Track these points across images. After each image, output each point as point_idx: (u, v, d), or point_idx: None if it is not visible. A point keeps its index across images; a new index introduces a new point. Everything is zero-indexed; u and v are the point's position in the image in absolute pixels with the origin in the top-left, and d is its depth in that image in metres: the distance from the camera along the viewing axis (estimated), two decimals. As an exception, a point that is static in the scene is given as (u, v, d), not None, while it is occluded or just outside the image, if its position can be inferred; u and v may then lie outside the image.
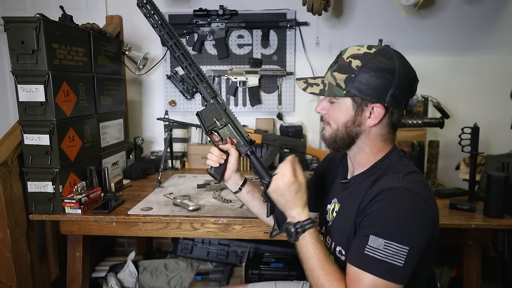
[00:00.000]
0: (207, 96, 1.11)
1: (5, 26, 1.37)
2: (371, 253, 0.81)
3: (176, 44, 1.09)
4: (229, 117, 1.12)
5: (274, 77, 2.35)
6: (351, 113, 0.92)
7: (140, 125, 2.53)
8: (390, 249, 0.79)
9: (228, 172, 1.14)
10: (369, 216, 0.85)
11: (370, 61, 0.88)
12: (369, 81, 0.88)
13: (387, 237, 0.80)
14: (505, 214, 1.44)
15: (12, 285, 1.50)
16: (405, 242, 0.79)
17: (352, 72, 0.89)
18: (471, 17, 2.24)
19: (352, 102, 0.91)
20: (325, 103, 0.97)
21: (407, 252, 0.79)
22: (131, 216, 1.45)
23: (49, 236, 1.72)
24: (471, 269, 1.52)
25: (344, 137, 0.94)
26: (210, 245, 2.22)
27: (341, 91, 0.91)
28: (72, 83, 1.56)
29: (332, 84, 0.93)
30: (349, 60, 0.90)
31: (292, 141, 2.22)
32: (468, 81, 2.31)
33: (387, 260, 0.79)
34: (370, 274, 0.80)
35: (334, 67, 0.95)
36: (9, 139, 1.52)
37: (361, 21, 2.30)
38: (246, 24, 2.30)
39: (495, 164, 1.93)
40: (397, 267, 0.79)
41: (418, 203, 0.83)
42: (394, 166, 0.91)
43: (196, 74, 1.10)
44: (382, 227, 0.82)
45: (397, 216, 0.82)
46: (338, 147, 0.97)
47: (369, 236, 0.82)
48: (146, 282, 2.08)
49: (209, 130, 1.13)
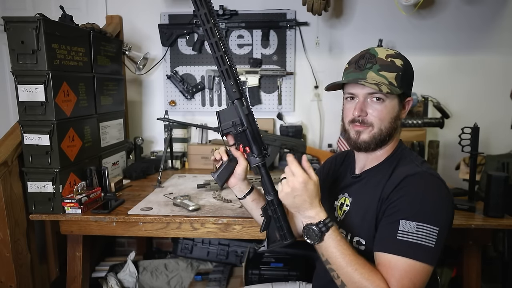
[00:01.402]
0: (232, 96, 1.02)
1: (5, 26, 1.37)
2: (405, 237, 0.82)
3: (212, 29, 0.97)
4: (249, 123, 1.04)
5: (274, 77, 2.35)
6: (397, 109, 0.97)
7: (140, 125, 2.53)
8: (423, 231, 0.81)
9: (233, 179, 1.09)
10: (396, 202, 0.86)
11: (405, 60, 0.97)
12: (409, 77, 0.97)
13: (418, 219, 0.82)
14: (505, 214, 1.44)
15: (12, 285, 1.50)
16: (435, 223, 0.82)
17: (399, 70, 0.94)
18: (471, 17, 2.24)
19: (398, 98, 0.96)
20: (363, 103, 0.95)
21: (437, 232, 0.82)
22: (131, 216, 1.45)
23: (49, 236, 1.72)
24: (471, 269, 1.52)
25: (390, 133, 0.96)
26: (210, 245, 2.22)
27: (396, 89, 0.93)
28: (72, 83, 1.56)
29: (385, 82, 0.93)
30: (390, 59, 0.95)
31: (292, 141, 2.23)
32: (468, 81, 2.30)
33: (421, 242, 0.81)
34: (406, 258, 0.80)
35: (375, 67, 0.94)
36: (9, 139, 1.52)
37: (361, 21, 2.30)
38: (246, 24, 2.30)
39: (495, 164, 1.93)
40: (430, 248, 0.81)
41: (442, 187, 0.88)
42: (406, 157, 0.97)
43: (226, 69, 1.00)
44: (412, 210, 0.83)
45: (425, 198, 0.85)
46: (374, 147, 0.97)
47: (399, 221, 0.83)
48: (146, 282, 2.08)
49: (223, 133, 1.06)
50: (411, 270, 0.80)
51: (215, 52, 0.99)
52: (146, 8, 2.37)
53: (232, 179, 1.09)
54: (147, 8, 2.37)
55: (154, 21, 2.35)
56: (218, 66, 1.00)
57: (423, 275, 0.81)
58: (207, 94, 2.41)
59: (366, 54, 0.96)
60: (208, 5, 0.97)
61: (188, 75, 2.41)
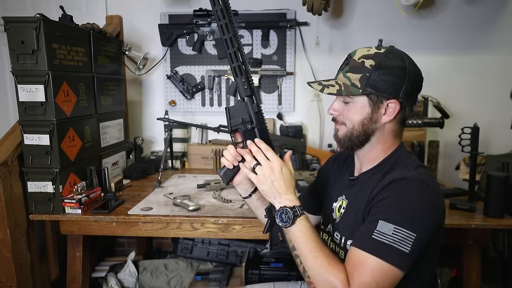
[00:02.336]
0: (242, 93, 1.02)
1: (5, 26, 1.37)
2: (379, 238, 0.81)
3: (227, 25, 0.98)
4: (259, 121, 1.03)
5: (274, 77, 2.35)
6: (367, 111, 0.94)
7: (140, 125, 2.53)
8: (399, 235, 0.80)
9: (239, 177, 1.08)
10: (379, 203, 0.86)
11: (383, 60, 0.91)
12: (383, 79, 0.91)
13: (396, 222, 0.81)
14: (505, 214, 1.44)
15: (12, 285, 1.50)
16: (413, 229, 0.80)
17: (367, 71, 0.91)
18: (471, 17, 2.24)
19: (368, 100, 0.93)
20: (337, 104, 0.98)
21: (414, 239, 0.80)
22: (131, 216, 1.45)
23: (49, 236, 1.72)
24: (471, 269, 1.52)
25: (360, 135, 0.95)
26: (210, 245, 2.22)
27: (357, 90, 0.92)
28: (72, 83, 1.56)
29: (347, 84, 0.94)
30: (361, 60, 0.93)
31: (292, 141, 2.23)
32: (468, 81, 2.30)
33: (395, 245, 0.79)
34: (376, 257, 0.80)
35: (345, 68, 0.96)
36: (9, 139, 1.52)
37: (361, 21, 2.30)
38: (246, 24, 2.30)
39: (495, 164, 1.93)
40: (403, 253, 0.79)
41: (428, 193, 0.85)
42: (403, 161, 0.94)
43: (239, 65, 1.00)
44: (393, 212, 0.83)
45: (408, 203, 0.83)
46: (352, 145, 0.98)
47: (378, 221, 0.83)
48: (146, 282, 2.08)
49: (232, 130, 1.05)
50: (378, 270, 0.79)
51: (229, 48, 0.98)
52: (146, 8, 2.37)
53: (237, 177, 1.08)
54: (147, 8, 2.37)
55: (154, 21, 2.35)
56: (231, 62, 1.00)
57: (389, 278, 0.79)
58: (207, 94, 2.41)
59: (348, 55, 0.98)
60: (224, 2, 0.98)
61: (188, 75, 2.41)
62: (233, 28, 0.99)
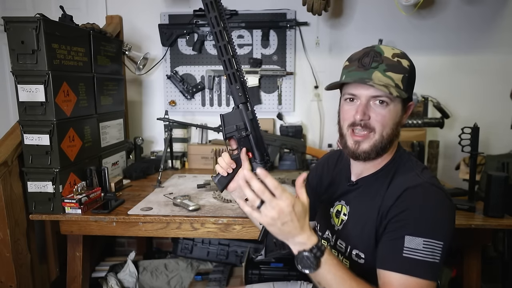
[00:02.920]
0: (237, 100, 1.01)
1: (5, 26, 1.37)
2: (411, 255, 0.78)
3: (221, 32, 0.96)
4: (253, 128, 1.02)
5: (274, 77, 2.35)
6: (400, 114, 0.91)
7: (140, 125, 2.53)
8: (429, 247, 0.78)
9: (233, 184, 1.05)
10: (399, 216, 0.82)
11: (410, 61, 0.90)
12: (413, 80, 0.91)
13: (424, 235, 0.78)
14: (505, 214, 1.44)
15: (12, 285, 1.50)
16: (440, 238, 0.79)
17: (406, 72, 0.88)
18: (471, 17, 2.24)
19: (401, 102, 0.90)
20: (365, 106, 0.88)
21: (442, 247, 0.79)
22: (131, 216, 1.45)
23: (49, 236, 1.72)
24: (471, 269, 1.52)
25: (389, 141, 0.90)
26: (210, 245, 2.22)
27: (403, 93, 0.87)
28: (72, 83, 1.56)
29: (391, 84, 0.86)
30: (397, 59, 0.88)
31: (292, 141, 2.23)
32: (468, 81, 2.30)
33: (428, 259, 0.78)
34: (414, 277, 0.77)
35: (382, 66, 0.87)
36: (9, 139, 1.52)
37: (361, 21, 2.30)
38: (246, 24, 2.30)
39: (495, 164, 1.93)
40: (435, 264, 0.78)
41: (444, 198, 0.84)
42: (406, 163, 0.92)
43: (233, 72, 0.98)
44: (417, 225, 0.80)
45: (430, 212, 0.81)
46: (377, 155, 0.91)
47: (404, 237, 0.79)
48: (146, 282, 2.08)
49: (226, 137, 1.04)
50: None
51: (223, 55, 0.97)
52: (146, 8, 2.37)
53: (231, 184, 1.05)
54: (147, 8, 2.37)
55: (154, 21, 2.35)
56: (225, 69, 0.98)
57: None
58: (207, 94, 2.41)
59: (371, 51, 0.88)
60: (219, 8, 0.96)
61: (188, 75, 2.41)
62: (228, 34, 0.98)
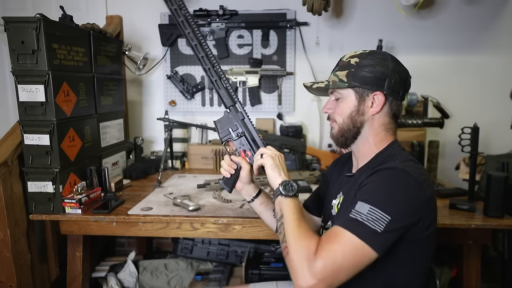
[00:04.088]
0: (225, 104, 1.12)
1: (5, 26, 1.37)
2: (354, 215, 0.84)
3: (199, 45, 1.08)
4: (246, 128, 1.11)
5: (274, 77, 2.35)
6: (354, 104, 1.01)
7: (140, 125, 2.53)
8: (373, 215, 0.83)
9: (239, 184, 1.16)
10: (362, 188, 0.91)
11: (366, 57, 1.00)
12: (367, 73, 0.98)
13: (373, 203, 0.84)
14: (505, 214, 1.44)
15: (12, 285, 1.50)
16: (388, 212, 0.83)
17: (352, 68, 1.00)
18: (471, 17, 2.24)
19: (354, 93, 1.00)
20: (330, 102, 1.07)
21: (388, 221, 0.82)
22: (131, 216, 1.45)
23: (49, 236, 1.72)
24: (471, 269, 1.52)
25: (350, 128, 1.02)
26: (210, 245, 2.22)
27: (344, 84, 1.00)
28: (72, 83, 1.56)
29: (335, 80, 1.02)
30: (348, 59, 1.02)
31: (292, 141, 2.23)
32: (468, 81, 2.31)
33: (368, 223, 0.82)
34: (349, 232, 0.82)
35: (335, 69, 1.05)
36: (9, 139, 1.52)
37: (361, 21, 2.30)
38: (246, 24, 2.30)
39: (495, 164, 1.93)
40: (375, 231, 0.81)
41: (409, 181, 0.87)
42: (393, 155, 0.97)
43: (215, 80, 1.10)
44: (371, 195, 0.87)
45: (386, 187, 0.87)
46: (345, 140, 1.04)
47: (357, 202, 0.86)
48: (146, 282, 2.08)
49: (223, 141, 1.14)
50: (348, 243, 0.81)
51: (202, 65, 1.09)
52: (146, 8, 2.37)
53: (238, 183, 1.15)
54: (147, 8, 2.37)
55: (154, 21, 2.36)
56: (209, 77, 1.10)
57: (357, 253, 0.81)
58: (207, 94, 2.41)
59: (339, 60, 1.06)
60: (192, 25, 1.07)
61: (188, 75, 2.41)
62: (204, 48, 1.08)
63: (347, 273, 0.80)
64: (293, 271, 0.82)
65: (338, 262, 0.79)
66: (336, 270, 0.79)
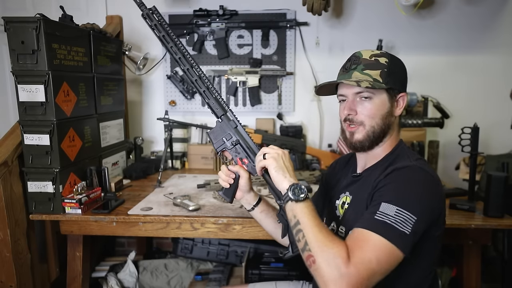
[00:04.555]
0: (216, 114, 1.11)
1: (5, 26, 1.37)
2: (381, 218, 0.82)
3: (183, 57, 1.08)
4: (240, 136, 1.09)
5: (274, 77, 2.35)
6: (388, 105, 0.99)
7: (140, 125, 2.53)
8: (401, 216, 0.82)
9: (239, 192, 1.14)
10: (382, 188, 0.89)
11: (391, 57, 0.99)
12: (398, 73, 0.99)
13: (399, 204, 0.83)
14: (505, 214, 1.44)
15: (12, 285, 1.50)
16: (414, 212, 0.82)
17: (385, 67, 0.97)
18: (471, 17, 2.24)
19: (387, 94, 0.98)
20: (353, 104, 0.99)
21: (414, 221, 0.82)
22: (131, 216, 1.45)
23: (49, 236, 1.72)
24: (471, 269, 1.52)
25: (382, 129, 0.98)
26: (210, 245, 2.22)
27: (382, 84, 0.96)
28: (72, 83, 1.56)
29: (369, 80, 0.96)
30: (374, 58, 0.98)
31: (292, 141, 2.23)
32: (468, 81, 2.30)
33: (396, 225, 0.81)
34: (378, 235, 0.80)
35: (360, 67, 0.98)
36: (9, 139, 1.52)
37: (361, 21, 2.30)
38: (246, 24, 2.30)
39: (495, 164, 1.93)
40: (404, 233, 0.80)
41: (429, 178, 0.89)
42: (404, 154, 0.98)
43: (204, 91, 1.10)
44: (395, 195, 0.85)
45: (409, 186, 0.87)
46: (371, 144, 1.00)
47: (381, 203, 0.84)
48: (146, 282, 2.08)
49: (218, 151, 1.12)
50: (380, 247, 0.79)
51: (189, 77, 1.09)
52: (146, 8, 2.37)
53: (238, 192, 1.13)
54: (147, 8, 2.37)
55: (154, 21, 2.35)
56: (198, 88, 1.10)
57: (390, 257, 0.79)
58: (207, 94, 2.41)
59: (352, 57, 1.01)
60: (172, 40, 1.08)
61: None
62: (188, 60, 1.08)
63: (380, 277, 0.79)
64: (324, 281, 0.77)
65: (372, 268, 0.77)
66: (370, 275, 0.77)
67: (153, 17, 1.07)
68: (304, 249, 0.83)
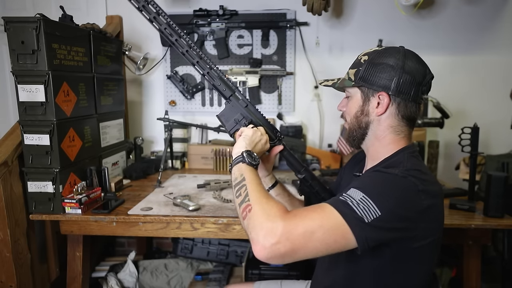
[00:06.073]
0: (224, 95, 1.07)
1: (5, 26, 1.37)
2: (345, 199, 0.79)
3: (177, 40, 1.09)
4: (252, 114, 1.05)
5: (274, 77, 2.35)
6: (359, 103, 0.98)
7: (140, 125, 2.53)
8: (365, 204, 0.77)
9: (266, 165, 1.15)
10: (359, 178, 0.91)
11: (376, 55, 0.95)
12: (374, 72, 0.94)
13: (367, 194, 0.79)
14: (505, 214, 1.44)
15: (12, 285, 1.50)
16: (381, 207, 0.77)
17: (360, 66, 0.96)
18: (471, 17, 2.24)
19: (360, 93, 0.97)
20: (343, 100, 1.05)
21: (377, 216, 0.76)
22: (131, 216, 1.45)
23: (49, 236, 1.72)
24: (471, 269, 1.52)
25: (355, 128, 0.99)
26: (210, 245, 2.22)
27: (350, 82, 0.98)
28: (72, 83, 1.56)
29: (344, 78, 1.00)
30: (360, 57, 0.99)
31: (292, 141, 2.23)
32: (468, 81, 2.30)
33: (357, 209, 0.77)
34: (334, 209, 0.77)
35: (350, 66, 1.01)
36: (9, 139, 1.52)
37: (361, 21, 2.30)
38: (246, 24, 2.30)
39: (495, 164, 1.93)
40: (362, 220, 0.76)
41: (406, 188, 0.82)
42: (400, 162, 0.90)
43: (207, 72, 1.07)
44: (367, 186, 0.82)
45: (382, 185, 0.82)
46: (354, 140, 1.01)
47: (350, 188, 0.82)
48: (146, 282, 2.08)
49: (231, 134, 1.08)
50: (329, 217, 0.76)
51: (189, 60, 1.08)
52: (146, 8, 2.37)
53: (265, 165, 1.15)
54: (147, 8, 2.37)
55: (154, 21, 2.35)
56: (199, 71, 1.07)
57: (336, 232, 0.75)
58: (207, 94, 2.41)
59: None
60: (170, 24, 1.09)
61: (188, 75, 2.41)
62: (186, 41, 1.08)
63: (316, 245, 0.74)
64: (254, 226, 0.75)
65: (312, 228, 0.74)
66: (307, 235, 0.73)
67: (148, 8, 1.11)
68: (244, 201, 0.83)
